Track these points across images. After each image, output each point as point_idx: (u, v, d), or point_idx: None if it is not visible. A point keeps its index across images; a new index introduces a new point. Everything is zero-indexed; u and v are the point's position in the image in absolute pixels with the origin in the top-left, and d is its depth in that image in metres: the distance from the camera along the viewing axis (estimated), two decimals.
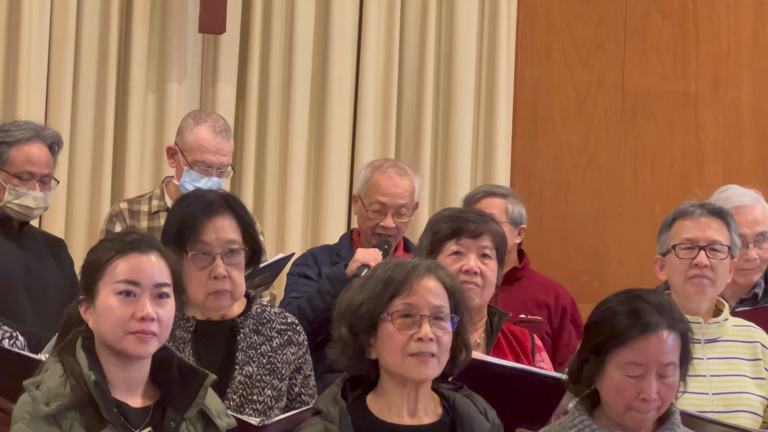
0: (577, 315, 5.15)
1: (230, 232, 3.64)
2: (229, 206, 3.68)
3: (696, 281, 4.00)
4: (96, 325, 3.11)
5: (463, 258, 3.96)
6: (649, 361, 3.13)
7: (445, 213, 4.11)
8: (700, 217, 4.06)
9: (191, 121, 5.09)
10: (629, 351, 3.13)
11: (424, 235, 4.08)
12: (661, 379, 3.14)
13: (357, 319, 3.15)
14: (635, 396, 3.13)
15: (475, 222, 3.98)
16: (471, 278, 3.93)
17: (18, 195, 4.54)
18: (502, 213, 5.09)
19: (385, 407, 3.16)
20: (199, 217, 3.62)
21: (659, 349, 3.13)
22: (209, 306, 3.65)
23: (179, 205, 3.75)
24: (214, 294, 3.63)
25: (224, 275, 3.61)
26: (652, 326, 3.13)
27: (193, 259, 3.58)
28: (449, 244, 3.97)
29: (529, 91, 6.60)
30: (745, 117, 6.55)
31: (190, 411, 3.12)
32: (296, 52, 6.22)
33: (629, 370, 3.13)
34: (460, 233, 3.96)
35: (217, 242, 3.62)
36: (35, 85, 5.81)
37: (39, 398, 3.02)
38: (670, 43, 6.58)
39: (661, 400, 3.16)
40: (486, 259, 3.98)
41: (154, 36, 6.07)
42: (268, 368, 3.69)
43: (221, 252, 3.61)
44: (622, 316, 3.16)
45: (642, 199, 6.51)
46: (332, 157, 6.23)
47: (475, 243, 3.97)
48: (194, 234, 3.60)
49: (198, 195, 3.74)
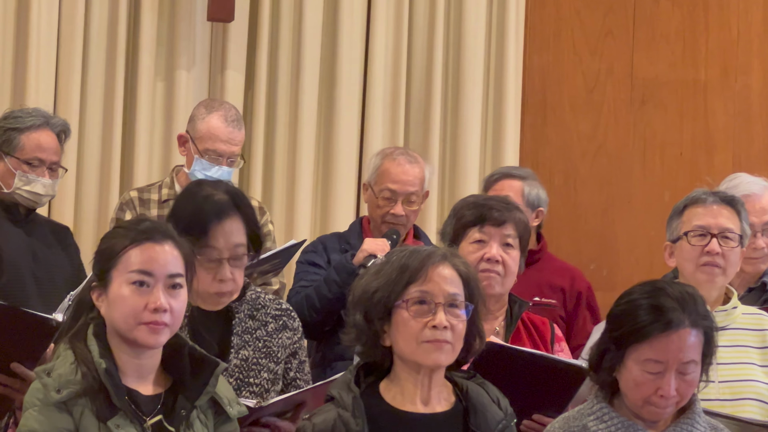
0: (593, 300, 5.15)
1: (238, 235, 3.64)
2: (237, 207, 3.66)
3: (707, 269, 4.00)
4: (108, 313, 3.11)
5: (485, 246, 3.96)
6: (669, 359, 3.12)
7: (470, 199, 4.11)
8: (713, 204, 4.06)
9: (203, 110, 5.09)
10: (649, 348, 3.12)
11: (448, 221, 4.08)
12: (681, 376, 3.14)
13: (372, 306, 3.15)
14: (653, 392, 3.13)
15: (499, 210, 3.97)
16: (493, 266, 3.94)
17: (28, 181, 4.55)
18: (519, 195, 5.10)
19: (399, 395, 3.16)
20: (210, 221, 3.60)
21: (680, 347, 3.12)
22: (209, 302, 3.66)
23: (188, 200, 3.71)
24: (217, 294, 3.64)
25: (230, 279, 3.62)
26: (675, 324, 3.12)
27: (200, 260, 3.59)
28: (472, 231, 3.97)
29: (538, 79, 6.59)
30: (754, 104, 6.53)
31: (201, 399, 3.13)
32: (305, 40, 6.21)
33: (649, 367, 3.13)
34: (483, 221, 3.96)
35: (225, 246, 3.61)
36: (44, 73, 5.81)
37: (50, 385, 3.02)
38: (679, 30, 6.57)
39: (680, 396, 3.15)
40: (508, 248, 3.98)
41: (163, 24, 6.06)
42: (264, 352, 3.70)
43: (228, 256, 3.62)
44: (643, 310, 3.14)
45: (651, 187, 6.50)
46: (341, 145, 6.23)
47: (499, 231, 3.97)
48: (204, 237, 3.59)
49: (207, 193, 3.69)
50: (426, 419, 3.14)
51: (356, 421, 3.07)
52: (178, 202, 3.77)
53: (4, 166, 4.56)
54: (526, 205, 5.10)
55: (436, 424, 3.14)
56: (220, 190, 3.70)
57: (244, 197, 3.75)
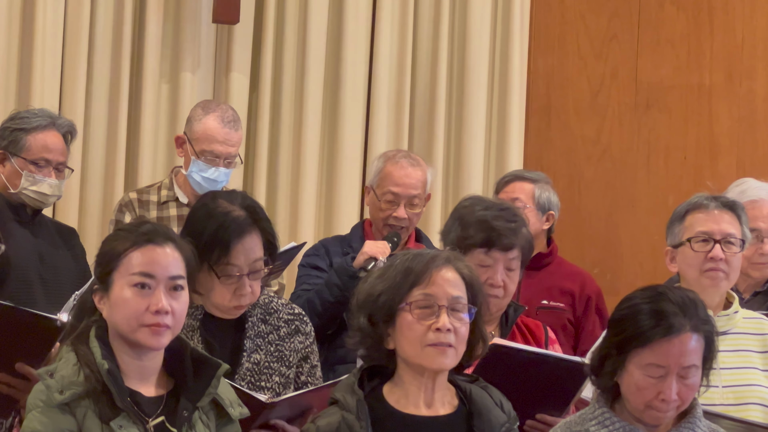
0: (602, 305, 5.14)
1: (257, 251, 3.66)
2: (256, 223, 3.67)
3: (711, 274, 4.00)
4: (110, 315, 3.12)
5: (489, 270, 3.96)
6: (671, 364, 3.13)
7: (479, 213, 4.05)
8: (714, 210, 4.06)
9: (200, 111, 5.09)
10: (651, 352, 3.13)
11: (452, 225, 4.07)
12: (682, 380, 3.14)
13: (376, 309, 3.16)
14: (655, 396, 3.14)
15: (507, 236, 3.97)
16: (494, 291, 3.95)
17: (35, 181, 4.56)
18: (530, 198, 5.10)
19: (402, 398, 3.17)
20: (232, 240, 3.60)
21: (681, 352, 3.13)
22: (228, 314, 3.68)
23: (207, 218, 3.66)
24: (237, 308, 3.67)
25: (250, 292, 3.64)
26: (676, 329, 3.13)
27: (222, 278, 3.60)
28: (478, 252, 3.98)
29: (543, 83, 6.59)
30: (759, 109, 6.53)
31: (203, 400, 3.14)
32: (309, 43, 6.22)
33: (650, 371, 3.13)
34: (491, 245, 3.97)
35: (246, 263, 3.63)
36: (49, 75, 5.82)
37: (53, 387, 3.03)
38: (684, 34, 6.57)
39: (681, 400, 3.16)
40: (510, 272, 4.00)
41: (168, 26, 6.07)
42: (276, 356, 3.71)
43: (248, 272, 3.63)
44: (645, 315, 3.15)
45: (655, 192, 6.50)
46: (345, 147, 6.23)
47: (504, 256, 3.99)
48: (225, 256, 3.60)
49: (226, 209, 3.66)
50: (429, 422, 3.15)
51: (360, 423, 3.08)
52: (195, 219, 3.72)
53: (10, 167, 4.57)
54: (537, 208, 5.11)
55: (440, 427, 3.15)
56: (237, 204, 3.69)
57: (260, 210, 3.74)
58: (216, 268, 3.60)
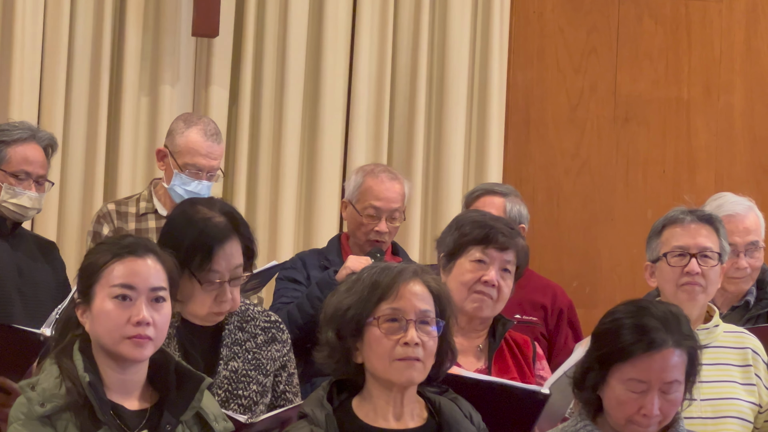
0: (574, 317, 5.15)
1: (238, 257, 3.65)
2: (236, 228, 3.67)
3: (688, 288, 4.00)
4: (92, 328, 3.12)
5: (485, 267, 3.94)
6: (652, 379, 3.12)
7: (475, 216, 4.08)
8: (690, 224, 4.05)
9: (182, 124, 5.08)
10: (632, 367, 3.13)
11: (447, 231, 4.05)
12: (664, 395, 3.14)
13: (344, 323, 3.16)
14: (636, 411, 3.14)
15: (505, 235, 3.96)
16: (488, 290, 3.92)
17: (15, 194, 4.54)
18: (501, 212, 5.08)
19: (371, 411, 3.16)
20: (213, 247, 3.60)
21: (663, 368, 3.13)
22: (207, 321, 3.68)
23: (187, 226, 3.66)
24: (217, 314, 3.66)
25: (230, 299, 3.64)
26: (657, 344, 3.12)
27: (204, 285, 3.60)
28: (474, 250, 3.95)
29: (522, 96, 6.61)
30: (737, 123, 6.57)
31: (186, 414, 3.13)
32: (289, 56, 6.22)
33: (632, 386, 3.13)
34: (488, 242, 3.94)
35: (227, 269, 3.63)
36: (28, 87, 5.81)
37: (34, 399, 3.03)
38: (662, 49, 6.60)
39: (663, 415, 3.16)
40: (506, 274, 3.97)
41: (148, 39, 6.07)
42: (253, 364, 3.70)
43: (229, 278, 3.63)
44: (627, 330, 3.15)
45: (634, 205, 6.52)
46: (325, 160, 6.24)
47: (501, 255, 3.95)
48: (207, 263, 3.60)
49: (204, 216, 3.66)
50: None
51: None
52: (175, 226, 3.71)
53: None
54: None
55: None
56: (216, 210, 3.69)
57: (239, 216, 3.74)
58: (198, 274, 3.59)
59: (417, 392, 3.22)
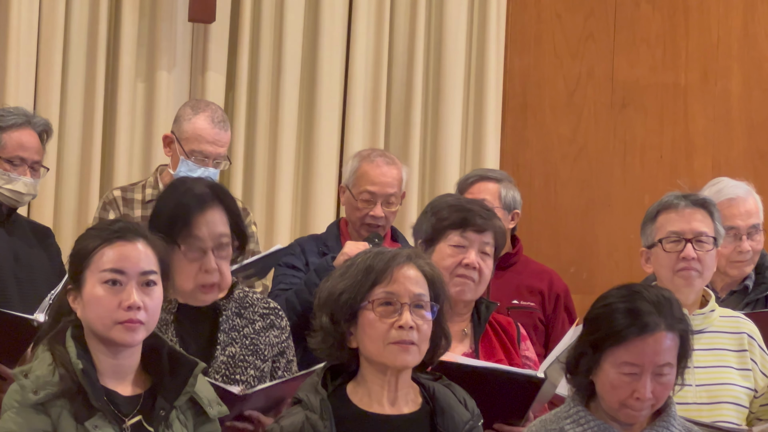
0: (570, 302, 5.15)
1: (221, 225, 3.64)
2: (219, 198, 3.68)
3: (684, 274, 4.00)
4: (84, 314, 3.11)
5: (464, 251, 3.95)
6: (645, 362, 3.13)
7: (450, 200, 4.09)
8: (685, 209, 4.05)
9: (189, 111, 5.07)
10: (625, 351, 3.13)
11: (423, 218, 4.07)
12: (657, 378, 3.15)
13: (338, 308, 3.16)
14: (629, 395, 3.14)
15: (483, 217, 3.97)
16: (469, 273, 3.94)
17: (9, 180, 4.54)
18: (495, 198, 5.08)
19: (366, 396, 3.16)
20: (192, 211, 3.61)
21: (655, 351, 3.13)
22: (197, 297, 3.66)
23: (170, 195, 3.73)
24: (203, 287, 3.64)
25: (215, 269, 3.62)
26: (650, 327, 3.13)
27: (185, 252, 3.59)
28: (453, 234, 3.96)
29: (519, 82, 6.60)
30: (734, 108, 6.56)
31: (180, 399, 3.13)
32: (286, 42, 6.21)
33: (625, 369, 3.13)
34: (466, 225, 3.95)
35: (209, 236, 3.62)
36: (24, 73, 5.80)
37: (27, 387, 3.02)
38: (659, 34, 6.59)
39: (656, 398, 3.16)
40: (485, 256, 3.98)
41: (144, 24, 6.06)
42: (251, 349, 3.70)
43: (213, 246, 3.62)
44: (620, 314, 3.15)
45: (631, 191, 6.51)
46: (321, 146, 6.23)
47: (479, 238, 3.96)
48: (186, 228, 3.60)
49: (188, 186, 3.72)
50: (393, 420, 3.15)
51: (324, 423, 3.08)
52: (160, 199, 3.78)
53: None
54: (503, 207, 5.10)
55: (404, 426, 3.15)
56: (201, 184, 3.73)
57: (225, 190, 3.77)
58: (180, 243, 3.58)
59: (411, 378, 3.21)
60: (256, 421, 3.56)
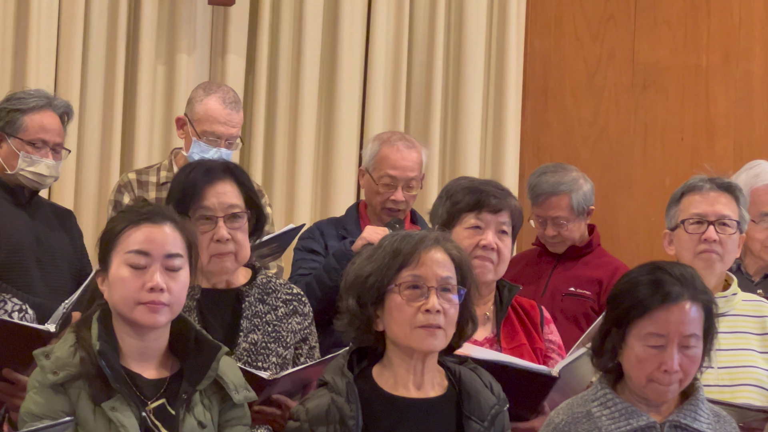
0: None
1: (232, 196, 3.68)
2: (230, 172, 3.71)
3: (705, 256, 4.00)
4: (110, 295, 3.13)
5: (481, 233, 3.94)
6: (671, 332, 3.11)
7: (464, 183, 4.07)
8: (709, 191, 4.05)
9: (201, 92, 5.09)
10: (650, 321, 3.11)
11: (439, 202, 4.06)
12: (684, 350, 3.12)
13: (365, 291, 3.16)
14: (656, 367, 3.12)
15: (497, 197, 3.95)
16: (488, 254, 3.92)
17: (32, 162, 4.55)
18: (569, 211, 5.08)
19: (392, 379, 3.17)
20: (200, 183, 3.65)
21: (680, 320, 3.11)
22: (213, 270, 3.67)
23: (181, 173, 3.78)
24: (217, 256, 3.65)
25: (227, 238, 3.64)
26: (674, 296, 3.11)
27: (196, 223, 3.60)
28: (468, 217, 3.95)
29: (539, 64, 6.58)
30: (756, 90, 6.52)
31: (203, 383, 3.13)
32: (306, 24, 6.21)
33: (650, 341, 3.11)
34: (480, 207, 3.94)
35: (219, 206, 3.65)
36: (45, 56, 5.81)
37: (47, 367, 3.05)
38: (681, 15, 6.56)
39: (684, 372, 3.14)
40: (503, 235, 3.96)
41: (164, 7, 6.06)
42: (273, 336, 3.70)
43: (223, 216, 3.64)
44: (643, 286, 3.14)
45: (652, 173, 6.49)
46: (342, 129, 6.23)
47: (495, 218, 3.95)
48: (196, 199, 3.63)
49: (199, 162, 3.79)
50: (419, 404, 3.15)
51: (350, 405, 3.08)
52: (174, 179, 3.83)
53: (7, 148, 4.55)
54: (577, 216, 5.10)
55: (430, 409, 3.15)
56: (213, 161, 3.82)
57: (237, 166, 3.81)
58: (191, 215, 3.60)
59: (438, 362, 3.21)
60: (283, 405, 3.57)
